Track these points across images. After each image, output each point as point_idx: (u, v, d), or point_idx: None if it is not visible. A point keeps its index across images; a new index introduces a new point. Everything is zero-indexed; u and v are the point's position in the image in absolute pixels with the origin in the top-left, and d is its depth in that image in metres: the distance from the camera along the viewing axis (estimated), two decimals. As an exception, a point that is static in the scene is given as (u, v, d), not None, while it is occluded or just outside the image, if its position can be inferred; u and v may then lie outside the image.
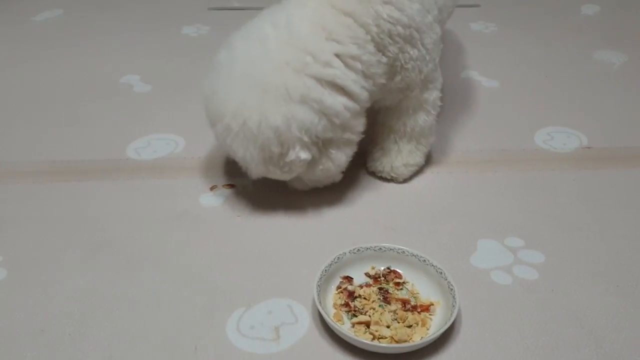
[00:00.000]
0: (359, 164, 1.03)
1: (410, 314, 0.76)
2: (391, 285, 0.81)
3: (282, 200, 0.98)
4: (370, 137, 1.01)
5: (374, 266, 0.84)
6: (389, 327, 0.74)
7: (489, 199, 0.99)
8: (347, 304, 0.77)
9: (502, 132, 1.18)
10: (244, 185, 1.02)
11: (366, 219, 0.95)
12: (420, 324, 0.74)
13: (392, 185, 1.03)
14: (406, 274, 0.82)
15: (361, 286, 0.80)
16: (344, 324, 0.75)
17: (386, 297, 0.79)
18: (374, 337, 0.73)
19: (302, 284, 0.81)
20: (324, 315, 0.73)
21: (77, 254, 0.88)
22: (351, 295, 0.79)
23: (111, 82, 1.39)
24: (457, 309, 0.74)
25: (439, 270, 0.80)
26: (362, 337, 0.72)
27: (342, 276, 0.82)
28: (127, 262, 0.86)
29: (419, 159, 1.04)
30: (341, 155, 0.93)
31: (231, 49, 0.90)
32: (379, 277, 0.82)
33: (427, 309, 0.77)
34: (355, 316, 0.76)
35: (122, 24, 1.74)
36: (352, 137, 0.93)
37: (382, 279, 0.82)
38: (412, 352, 0.72)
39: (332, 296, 0.79)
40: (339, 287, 0.80)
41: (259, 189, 1.00)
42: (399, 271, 0.83)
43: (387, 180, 1.03)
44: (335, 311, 0.77)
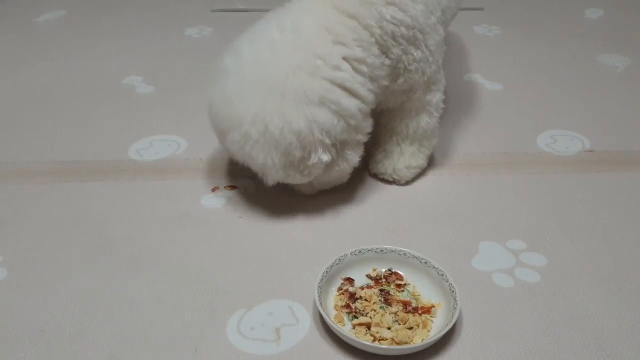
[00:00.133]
0: (361, 166, 1.02)
1: (411, 316, 0.75)
2: (392, 287, 0.81)
3: (283, 201, 0.98)
4: (372, 139, 1.01)
5: (375, 268, 0.83)
6: (389, 328, 0.74)
7: (491, 202, 0.99)
8: (348, 306, 0.77)
9: (504, 135, 1.18)
10: (246, 186, 1.02)
11: (368, 221, 0.95)
12: (421, 325, 0.74)
13: (394, 187, 1.03)
14: (407, 276, 0.82)
15: (362, 288, 0.80)
16: (344, 326, 0.75)
17: (387, 299, 0.78)
18: (374, 339, 0.72)
19: (303, 286, 0.81)
20: (325, 316, 0.73)
21: (78, 254, 0.88)
22: (352, 296, 0.79)
23: (113, 83, 1.39)
24: (458, 311, 0.74)
25: (441, 272, 0.79)
26: (362, 339, 0.72)
27: (343, 278, 0.82)
28: (128, 262, 0.86)
29: (421, 162, 1.03)
30: (354, 156, 0.93)
31: (238, 54, 0.89)
32: (380, 279, 0.82)
33: (428, 311, 0.77)
34: (356, 317, 0.76)
35: (124, 25, 1.75)
36: (362, 138, 0.93)
37: (384, 280, 0.82)
38: (413, 354, 0.72)
39: (333, 297, 0.79)
40: (340, 288, 0.80)
41: (261, 191, 0.99)
42: (400, 273, 0.83)
43: (389, 182, 1.03)
44: (336, 312, 0.77)
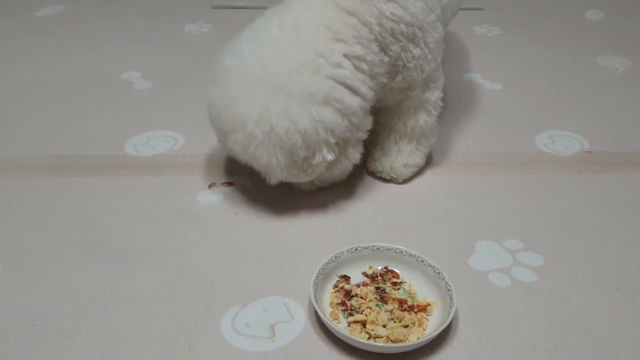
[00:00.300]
0: (359, 163, 1.02)
1: (407, 314, 0.75)
2: (388, 284, 0.80)
3: (280, 198, 0.97)
4: (370, 137, 1.00)
5: (372, 265, 0.83)
6: (385, 326, 0.73)
7: (489, 201, 0.99)
8: (343, 303, 0.77)
9: (503, 135, 1.18)
10: (243, 183, 1.01)
11: (365, 219, 0.94)
12: (416, 324, 0.74)
13: (392, 185, 1.02)
14: (404, 274, 0.82)
15: (358, 285, 0.80)
16: (340, 323, 0.74)
17: (383, 297, 0.78)
18: (370, 337, 0.72)
19: (299, 283, 0.81)
20: (320, 313, 0.72)
21: (73, 249, 0.87)
22: (348, 294, 0.78)
23: (111, 78, 1.39)
24: (454, 309, 0.73)
25: (437, 270, 0.79)
26: (358, 336, 0.71)
27: (339, 275, 0.81)
28: (123, 258, 0.86)
29: (419, 160, 1.03)
30: (356, 153, 0.93)
31: (239, 53, 0.88)
32: (377, 277, 0.81)
33: (424, 309, 0.76)
34: (351, 315, 0.75)
35: (124, 20, 1.74)
36: (363, 135, 0.93)
37: (380, 278, 0.81)
38: (408, 352, 0.71)
39: (329, 295, 0.79)
40: (335, 285, 0.80)
41: (258, 188, 0.99)
42: (396, 271, 0.82)
43: (386, 180, 1.03)
44: (331, 310, 0.76)
